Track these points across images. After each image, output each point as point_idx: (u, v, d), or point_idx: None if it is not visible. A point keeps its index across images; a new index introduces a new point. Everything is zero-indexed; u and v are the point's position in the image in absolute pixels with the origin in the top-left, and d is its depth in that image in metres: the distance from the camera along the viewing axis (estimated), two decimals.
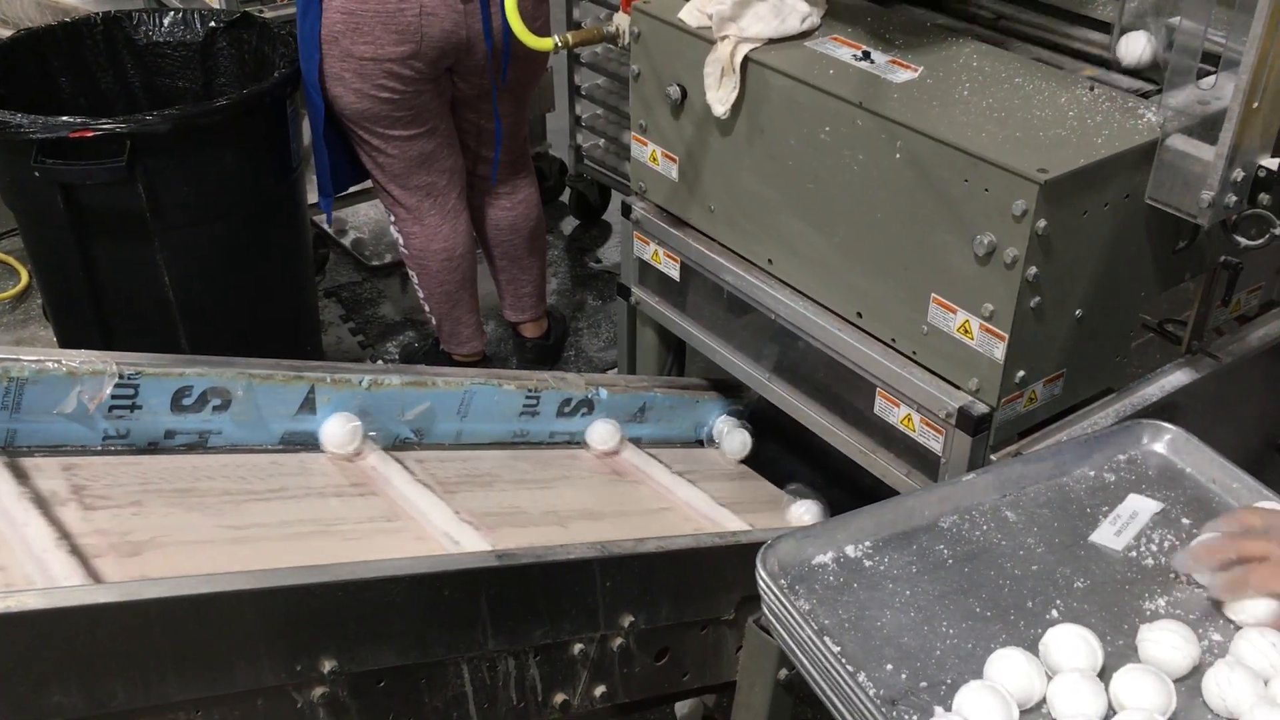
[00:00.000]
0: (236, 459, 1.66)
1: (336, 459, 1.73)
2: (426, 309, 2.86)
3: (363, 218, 3.73)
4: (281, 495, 1.60)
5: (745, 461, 2.22)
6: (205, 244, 2.45)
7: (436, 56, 2.45)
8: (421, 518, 1.62)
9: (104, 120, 2.22)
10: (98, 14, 2.67)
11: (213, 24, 2.70)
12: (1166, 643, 1.17)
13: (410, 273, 2.81)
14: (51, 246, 2.43)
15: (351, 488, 1.68)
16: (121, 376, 1.57)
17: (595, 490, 1.95)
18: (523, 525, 1.70)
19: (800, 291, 1.84)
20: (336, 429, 1.74)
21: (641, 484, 2.00)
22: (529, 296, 2.99)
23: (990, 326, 1.56)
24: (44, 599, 1.11)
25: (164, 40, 2.71)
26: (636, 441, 2.15)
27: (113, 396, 1.58)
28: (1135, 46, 1.71)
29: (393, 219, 2.73)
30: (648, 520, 1.86)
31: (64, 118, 2.21)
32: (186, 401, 1.64)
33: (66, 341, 2.64)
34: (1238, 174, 1.48)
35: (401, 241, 2.75)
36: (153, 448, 1.62)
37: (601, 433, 2.06)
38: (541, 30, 2.55)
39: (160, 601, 1.16)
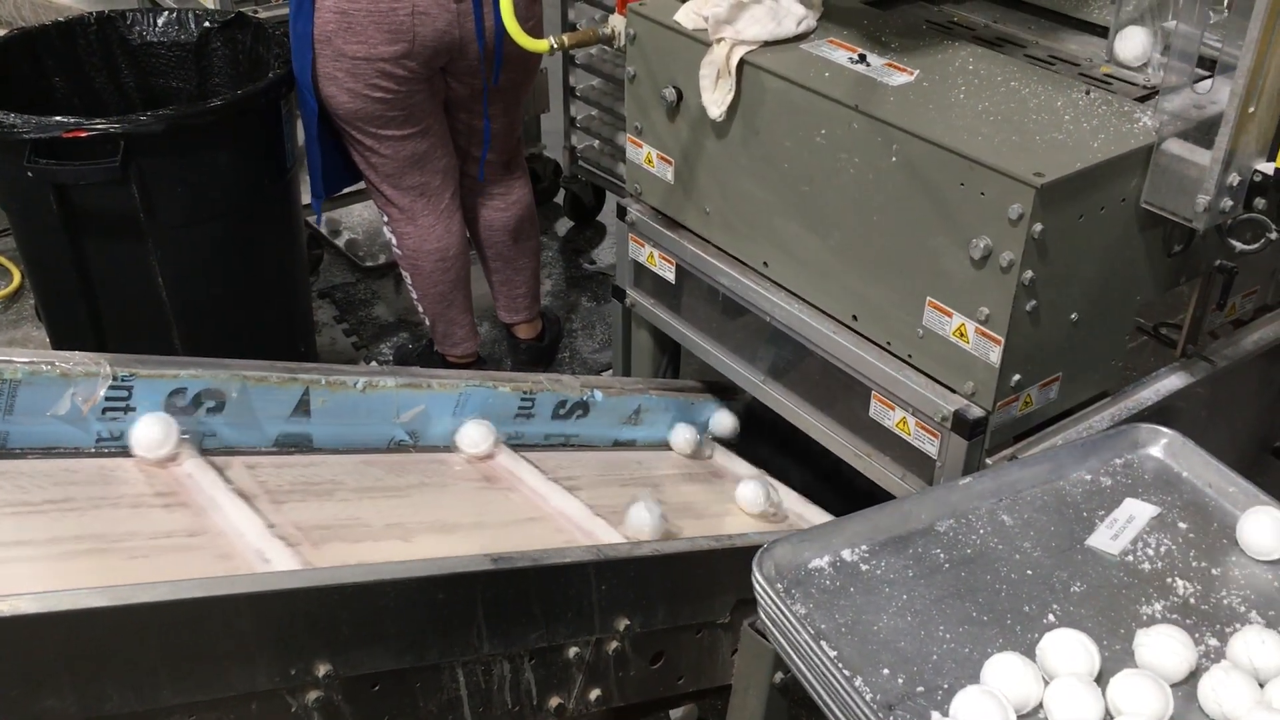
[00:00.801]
0: (22, 465, 1.50)
1: (145, 465, 1.57)
2: (420, 310, 2.85)
3: (356, 219, 3.72)
4: (64, 507, 1.44)
5: (738, 449, 2.23)
6: (199, 245, 2.44)
7: (429, 56, 2.45)
8: (232, 532, 1.47)
9: (98, 120, 2.21)
10: (91, 14, 2.66)
11: (207, 24, 2.69)
12: (1163, 647, 1.17)
13: (403, 273, 2.80)
14: (45, 247, 2.42)
15: (155, 498, 1.52)
16: (115, 378, 1.57)
17: (457, 499, 1.77)
18: (357, 540, 1.56)
19: (796, 294, 1.84)
20: (146, 430, 1.57)
21: (513, 491, 1.83)
22: (523, 298, 2.99)
23: (986, 330, 1.55)
24: (38, 603, 1.10)
25: (158, 40, 2.70)
26: (630, 444, 2.15)
27: (106, 398, 1.57)
28: (1133, 43, 1.71)
29: (386, 219, 2.72)
30: (509, 532, 1.70)
31: (57, 118, 2.20)
32: (180, 403, 1.63)
33: (59, 343, 2.63)
34: (1233, 178, 1.48)
35: (395, 242, 2.74)
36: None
37: (472, 435, 1.87)
38: (534, 31, 2.54)
39: (154, 605, 1.15)
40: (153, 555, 1.40)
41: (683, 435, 2.16)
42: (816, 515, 2.01)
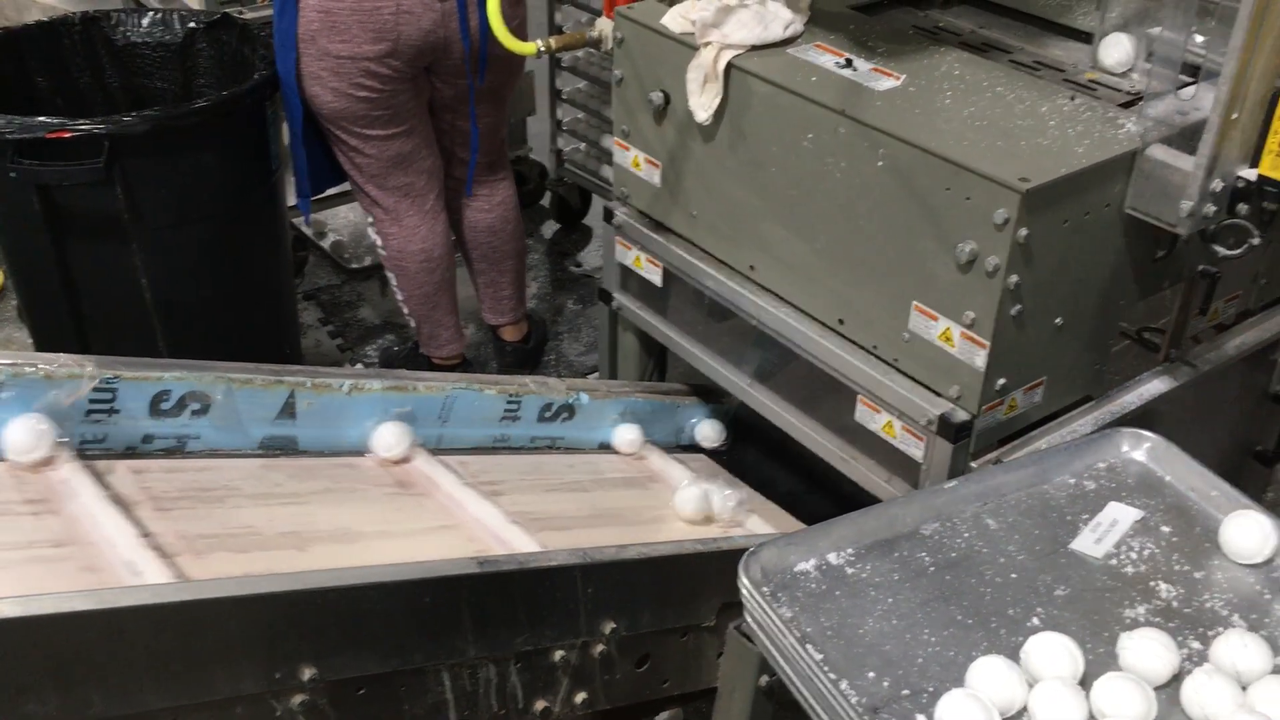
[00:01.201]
0: None
1: (17, 469, 1.50)
2: (405, 311, 2.85)
3: (342, 220, 3.71)
4: None
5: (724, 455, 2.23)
6: (184, 246, 2.43)
7: (414, 56, 2.45)
8: (103, 542, 1.39)
9: (82, 121, 2.19)
10: (76, 14, 2.65)
11: (192, 25, 2.68)
12: (1146, 650, 1.17)
13: (389, 274, 2.79)
14: (28, 248, 2.41)
15: (24, 505, 1.45)
16: (99, 380, 1.56)
17: (364, 506, 1.69)
18: (243, 550, 1.49)
19: (782, 298, 1.84)
20: (19, 432, 1.50)
21: (427, 497, 1.75)
22: (508, 300, 2.98)
23: (971, 334, 1.56)
24: (19, 607, 1.09)
25: (142, 41, 2.69)
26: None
27: (90, 400, 1.56)
28: (1118, 49, 1.72)
29: (371, 220, 2.72)
30: (416, 542, 1.63)
31: (41, 118, 2.19)
32: (165, 406, 1.62)
33: (43, 344, 2.61)
34: (1217, 184, 1.49)
35: (380, 243, 2.74)
36: (130, 453, 1.61)
37: (386, 438, 1.78)
38: (517, 32, 2.54)
39: (138, 609, 1.15)
40: (7, 568, 1.31)
41: (624, 435, 2.10)
42: (759, 524, 1.94)
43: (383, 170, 2.60)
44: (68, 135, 2.18)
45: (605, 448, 2.13)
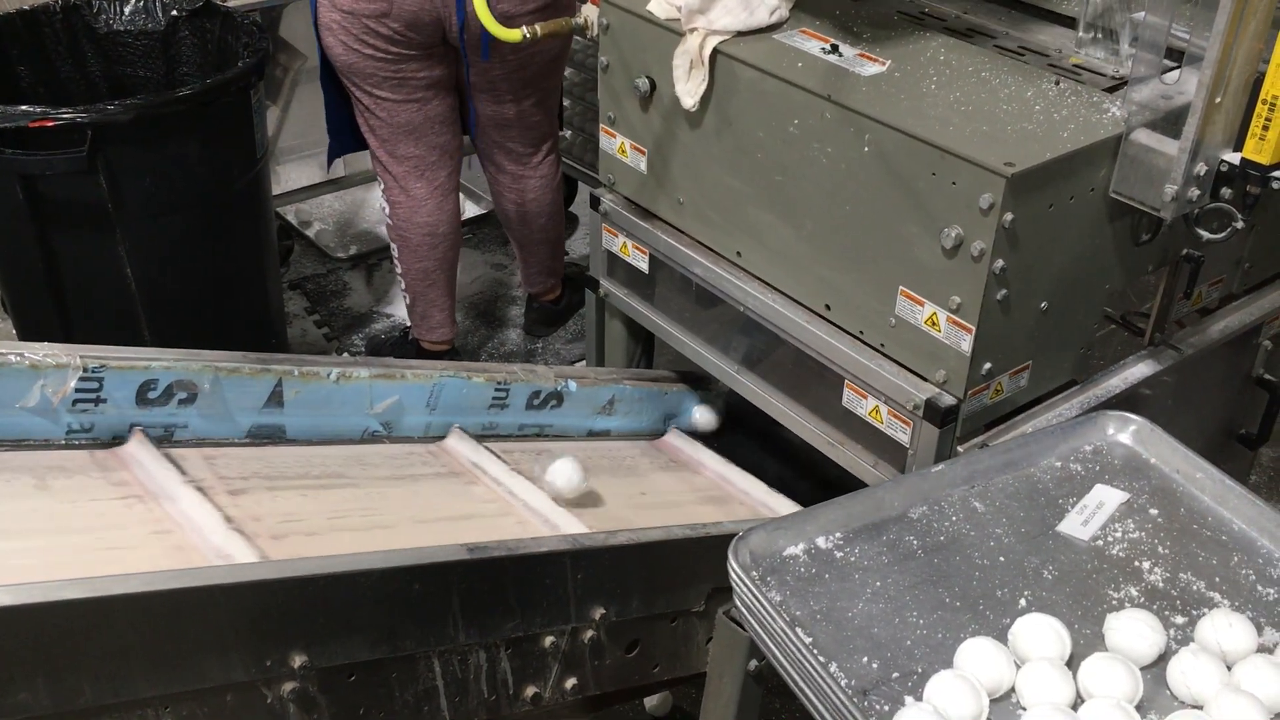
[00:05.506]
0: None
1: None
2: (402, 286, 2.86)
3: (327, 209, 3.70)
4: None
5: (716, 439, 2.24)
6: (168, 235, 2.42)
7: (411, 21, 2.46)
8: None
9: (64, 110, 2.18)
10: (57, 1, 2.63)
11: (174, 12, 2.67)
12: (1133, 631, 1.18)
13: (391, 245, 2.81)
14: (11, 238, 2.40)
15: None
16: (85, 370, 1.55)
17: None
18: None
19: (769, 284, 1.85)
20: None
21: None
22: (535, 274, 3.10)
23: (957, 319, 1.57)
24: (10, 595, 1.09)
25: (124, 29, 2.67)
26: (605, 434, 2.15)
27: (76, 390, 1.56)
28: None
29: (381, 187, 2.76)
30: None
31: (23, 107, 2.18)
32: (152, 395, 1.62)
33: (27, 334, 2.60)
34: (1200, 168, 1.50)
35: (387, 210, 2.77)
36: (118, 441, 1.60)
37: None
38: (566, 11, 2.54)
39: (129, 597, 1.14)
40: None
41: None
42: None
43: (393, 136, 2.65)
44: (50, 124, 2.17)
45: (594, 435, 2.13)
